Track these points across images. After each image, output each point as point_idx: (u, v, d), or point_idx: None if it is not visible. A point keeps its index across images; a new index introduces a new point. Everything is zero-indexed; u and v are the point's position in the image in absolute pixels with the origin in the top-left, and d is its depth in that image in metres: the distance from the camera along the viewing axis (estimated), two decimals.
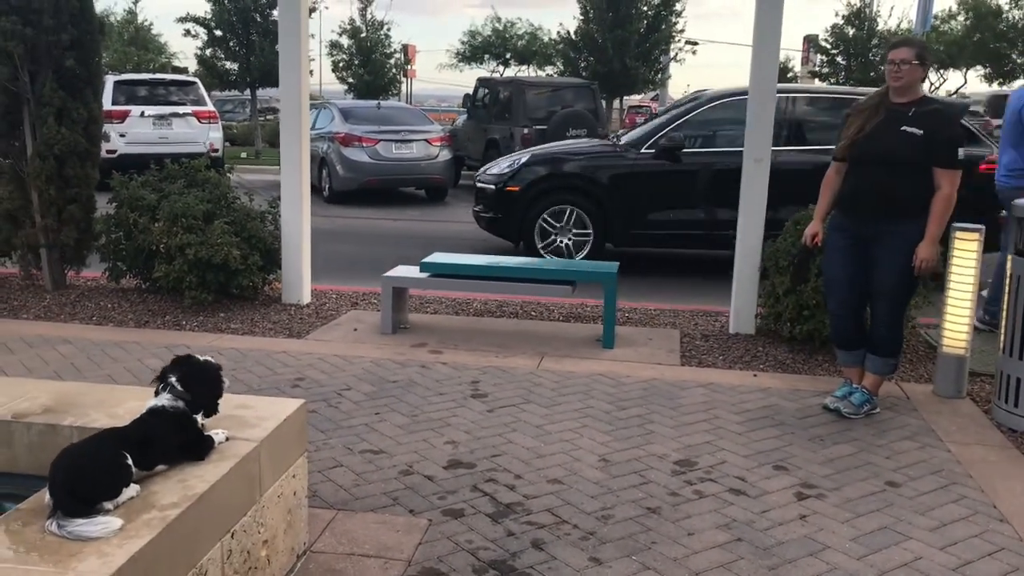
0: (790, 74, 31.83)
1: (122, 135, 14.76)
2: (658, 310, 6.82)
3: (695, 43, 27.39)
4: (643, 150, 8.73)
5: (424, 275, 6.00)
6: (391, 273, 6.06)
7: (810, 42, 30.33)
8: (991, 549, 3.26)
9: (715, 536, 3.30)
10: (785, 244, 5.82)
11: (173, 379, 2.41)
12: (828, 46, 29.14)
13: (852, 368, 4.77)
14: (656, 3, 23.58)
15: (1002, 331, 4.65)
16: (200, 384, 2.44)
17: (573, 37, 24.23)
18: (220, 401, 2.55)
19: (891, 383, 5.12)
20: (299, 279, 6.68)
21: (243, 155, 21.57)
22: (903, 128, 4.37)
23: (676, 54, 24.94)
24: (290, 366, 5.20)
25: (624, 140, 9.29)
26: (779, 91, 6.88)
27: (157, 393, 2.43)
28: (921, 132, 4.33)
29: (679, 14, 23.91)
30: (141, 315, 6.25)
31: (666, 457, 4.01)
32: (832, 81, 29.29)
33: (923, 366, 5.51)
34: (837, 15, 28.76)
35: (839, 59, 29.21)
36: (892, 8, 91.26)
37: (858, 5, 28.38)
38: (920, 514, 3.52)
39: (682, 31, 24.40)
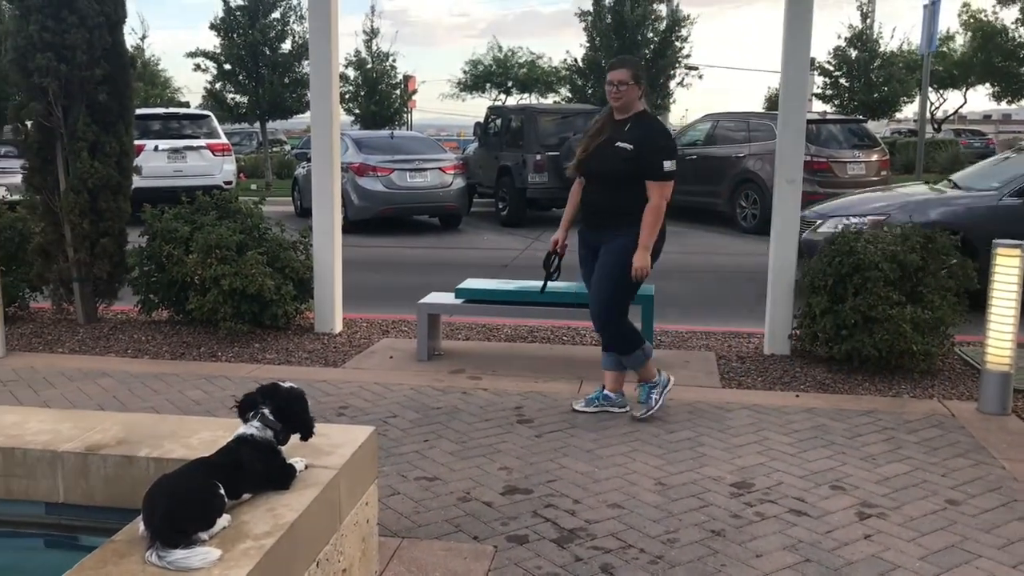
0: None
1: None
2: (689, 332, 6.82)
3: (695, 68, 27.56)
4: None
5: (459, 301, 6.00)
6: (426, 300, 6.07)
7: (812, 65, 30.49)
8: None
9: (783, 558, 3.28)
10: (821, 264, 5.83)
11: (265, 409, 2.41)
12: (832, 68, 29.36)
13: (605, 371, 4.92)
14: (662, 30, 23.71)
15: None
16: (293, 412, 2.45)
17: (580, 64, 24.39)
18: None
19: (934, 401, 5.11)
20: (331, 308, 6.69)
21: (253, 187, 21.65)
22: (616, 144, 4.55)
23: (683, 79, 25.04)
24: (332, 395, 5.20)
25: None
26: None
27: (246, 421, 2.43)
28: (631, 147, 4.50)
29: (685, 39, 24.06)
30: (176, 347, 6.26)
31: (722, 479, 4.00)
32: (835, 103, 29.48)
33: (963, 384, 5.50)
34: (840, 37, 28.96)
35: (842, 81, 29.43)
36: (894, 29, 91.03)
37: (860, 27, 28.64)
38: (985, 532, 3.50)
39: (688, 56, 24.54)
